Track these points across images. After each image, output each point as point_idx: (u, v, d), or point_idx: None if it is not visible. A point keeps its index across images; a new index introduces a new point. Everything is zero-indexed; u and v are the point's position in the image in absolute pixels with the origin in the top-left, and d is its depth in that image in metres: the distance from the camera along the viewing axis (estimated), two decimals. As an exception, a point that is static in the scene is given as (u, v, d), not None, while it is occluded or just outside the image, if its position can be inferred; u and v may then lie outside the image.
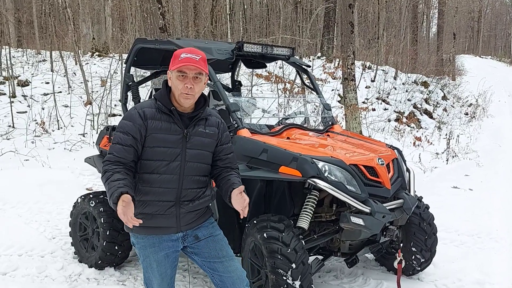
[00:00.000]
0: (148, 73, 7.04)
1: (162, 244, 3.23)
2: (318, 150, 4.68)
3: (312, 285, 4.25)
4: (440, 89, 21.68)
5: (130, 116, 3.14)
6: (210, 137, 3.27)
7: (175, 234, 3.24)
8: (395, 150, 5.18)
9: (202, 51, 3.19)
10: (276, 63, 15.57)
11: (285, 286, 4.11)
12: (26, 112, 11.90)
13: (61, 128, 11.48)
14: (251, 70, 13.14)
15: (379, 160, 4.61)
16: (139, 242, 3.25)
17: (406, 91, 18.83)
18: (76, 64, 15.60)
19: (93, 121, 11.68)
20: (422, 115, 18.25)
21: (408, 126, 16.70)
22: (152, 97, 3.33)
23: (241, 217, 3.04)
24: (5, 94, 12.68)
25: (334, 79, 17.38)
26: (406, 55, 23.05)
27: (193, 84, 3.09)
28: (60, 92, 13.39)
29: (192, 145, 3.18)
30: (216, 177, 3.34)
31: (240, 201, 3.07)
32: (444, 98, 21.61)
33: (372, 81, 18.63)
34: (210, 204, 3.47)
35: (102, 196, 5.70)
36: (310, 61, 18.32)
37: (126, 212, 2.76)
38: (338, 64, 17.55)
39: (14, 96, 12.56)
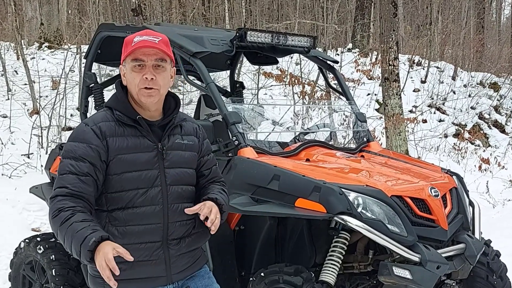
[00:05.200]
0: (116, 71, 7.10)
1: None
2: (348, 176, 4.71)
3: None
4: (516, 93, 21.68)
5: (81, 135, 3.10)
6: (190, 149, 3.29)
7: (163, 287, 3.24)
8: (454, 177, 5.20)
9: (165, 34, 3.18)
10: (292, 57, 15.64)
11: None
12: (-51, 125, 11.96)
13: (-2, 146, 11.53)
14: (257, 67, 13.22)
15: (432, 191, 4.63)
16: None
17: (469, 95, 18.82)
18: (18, 59, 15.67)
19: (42, 136, 11.71)
20: (490, 128, 18.23)
21: (472, 143, 16.68)
22: (104, 106, 3.27)
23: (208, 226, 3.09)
24: None
25: (370, 79, 17.42)
26: (469, 47, 23.09)
27: (154, 74, 3.07)
28: (-4, 97, 13.48)
29: (171, 163, 3.19)
30: (197, 200, 3.31)
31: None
32: (521, 105, 21.60)
33: (423, 82, 18.65)
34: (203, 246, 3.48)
35: (53, 240, 5.70)
36: (338, 54, 18.39)
37: (114, 267, 2.73)
38: (376, 59, 17.61)
39: None
